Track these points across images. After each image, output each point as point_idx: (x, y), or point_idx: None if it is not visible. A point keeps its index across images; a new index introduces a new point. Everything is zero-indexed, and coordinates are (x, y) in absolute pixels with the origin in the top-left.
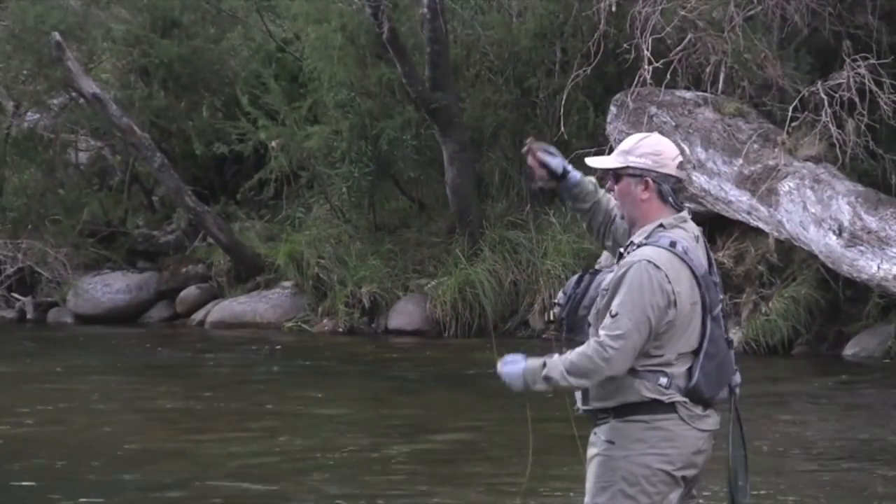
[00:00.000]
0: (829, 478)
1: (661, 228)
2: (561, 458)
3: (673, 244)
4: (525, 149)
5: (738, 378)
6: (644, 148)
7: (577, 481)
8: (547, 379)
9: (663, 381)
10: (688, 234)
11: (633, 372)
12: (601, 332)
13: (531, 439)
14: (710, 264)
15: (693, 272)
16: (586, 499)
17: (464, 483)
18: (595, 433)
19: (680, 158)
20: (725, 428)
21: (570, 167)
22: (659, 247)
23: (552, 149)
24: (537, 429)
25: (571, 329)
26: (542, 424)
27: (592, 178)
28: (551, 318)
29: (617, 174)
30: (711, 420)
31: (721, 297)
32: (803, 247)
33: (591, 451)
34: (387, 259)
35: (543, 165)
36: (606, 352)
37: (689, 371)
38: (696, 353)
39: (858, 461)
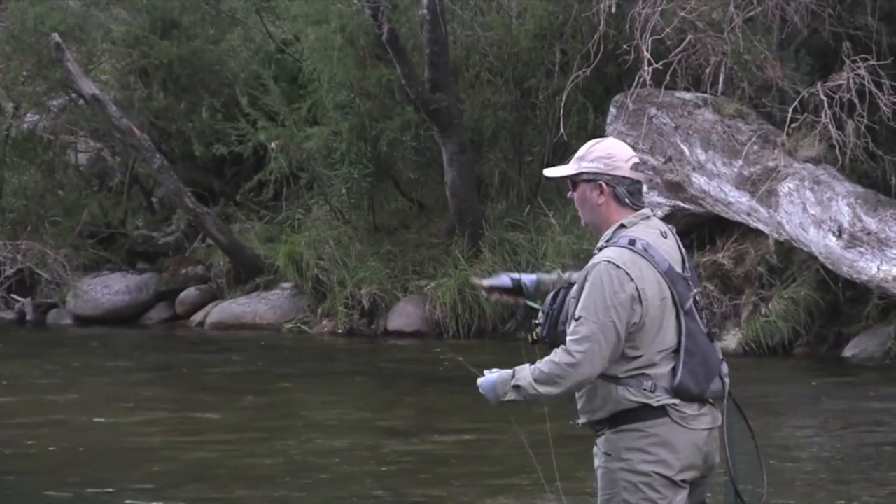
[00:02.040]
0: (829, 479)
1: (623, 228)
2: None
3: (632, 242)
4: (481, 290)
5: (724, 368)
6: (596, 152)
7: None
8: (516, 388)
9: (647, 384)
10: (650, 231)
11: (615, 380)
12: (567, 339)
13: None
14: (683, 259)
15: (656, 268)
16: None
17: (464, 484)
18: (596, 444)
19: (635, 160)
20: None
21: (517, 275)
22: (618, 246)
23: (489, 275)
24: (541, 429)
25: (553, 346)
26: (541, 425)
27: (555, 270)
28: (535, 338)
29: (573, 181)
30: (708, 418)
31: (694, 291)
32: (803, 248)
33: (595, 462)
34: (386, 260)
35: (495, 290)
36: (573, 357)
37: (673, 370)
38: (676, 351)
39: (858, 462)
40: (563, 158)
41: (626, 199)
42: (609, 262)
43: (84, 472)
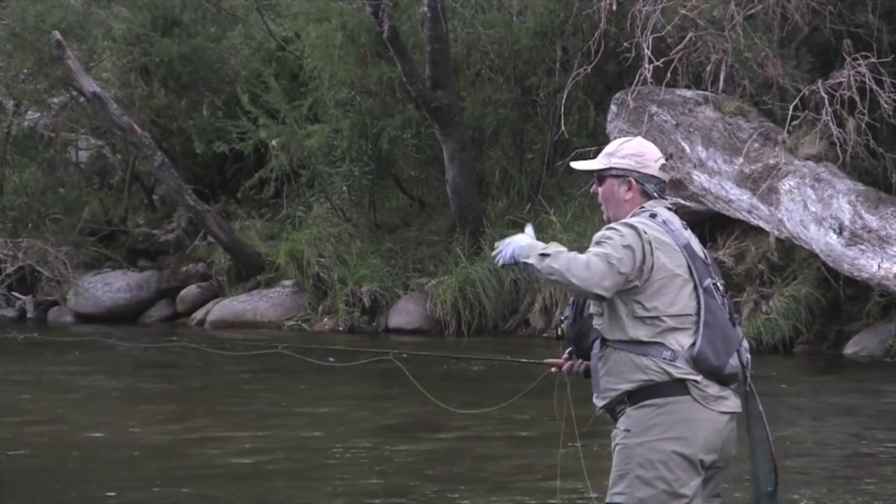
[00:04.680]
0: (829, 476)
1: (642, 209)
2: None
3: (653, 216)
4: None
5: (745, 344)
6: (627, 150)
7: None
8: (543, 255)
9: (667, 354)
10: (672, 215)
11: (637, 346)
12: (592, 250)
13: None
14: (704, 251)
15: (675, 241)
16: (609, 490)
17: (465, 482)
18: (616, 428)
19: (662, 161)
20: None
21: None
22: (637, 217)
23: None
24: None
25: (580, 336)
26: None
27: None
28: (560, 333)
29: (601, 176)
30: (730, 402)
31: (715, 277)
32: (804, 245)
33: (613, 444)
34: (387, 258)
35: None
36: (591, 264)
37: (693, 342)
38: (696, 325)
39: (858, 460)
40: (564, 156)
41: (655, 195)
42: (621, 223)
43: (85, 470)
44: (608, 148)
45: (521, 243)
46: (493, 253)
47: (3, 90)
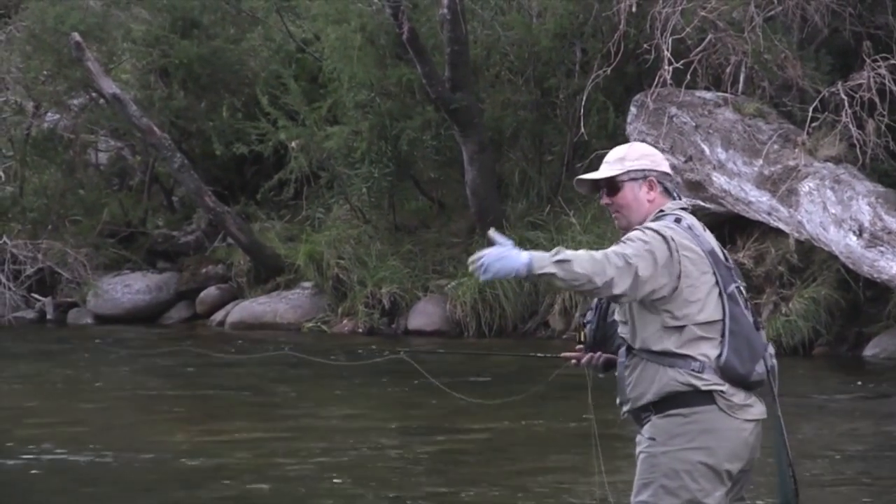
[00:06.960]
0: (848, 478)
1: (662, 213)
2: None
3: (678, 220)
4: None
5: (771, 350)
6: (638, 152)
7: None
8: (560, 262)
9: (695, 365)
10: (692, 217)
11: (665, 357)
12: (611, 248)
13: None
14: (724, 253)
15: (700, 246)
16: (632, 498)
17: (482, 483)
18: (640, 433)
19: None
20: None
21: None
22: (663, 222)
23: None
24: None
25: (603, 341)
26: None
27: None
28: (582, 338)
29: (614, 183)
30: (755, 409)
31: (737, 282)
32: (823, 247)
33: (637, 450)
34: (406, 259)
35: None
36: (610, 260)
37: (720, 352)
38: (722, 334)
39: (878, 462)
40: (584, 158)
41: (675, 193)
42: (650, 228)
43: (104, 473)
44: (615, 155)
45: (516, 256)
46: (472, 268)
47: (22, 92)
